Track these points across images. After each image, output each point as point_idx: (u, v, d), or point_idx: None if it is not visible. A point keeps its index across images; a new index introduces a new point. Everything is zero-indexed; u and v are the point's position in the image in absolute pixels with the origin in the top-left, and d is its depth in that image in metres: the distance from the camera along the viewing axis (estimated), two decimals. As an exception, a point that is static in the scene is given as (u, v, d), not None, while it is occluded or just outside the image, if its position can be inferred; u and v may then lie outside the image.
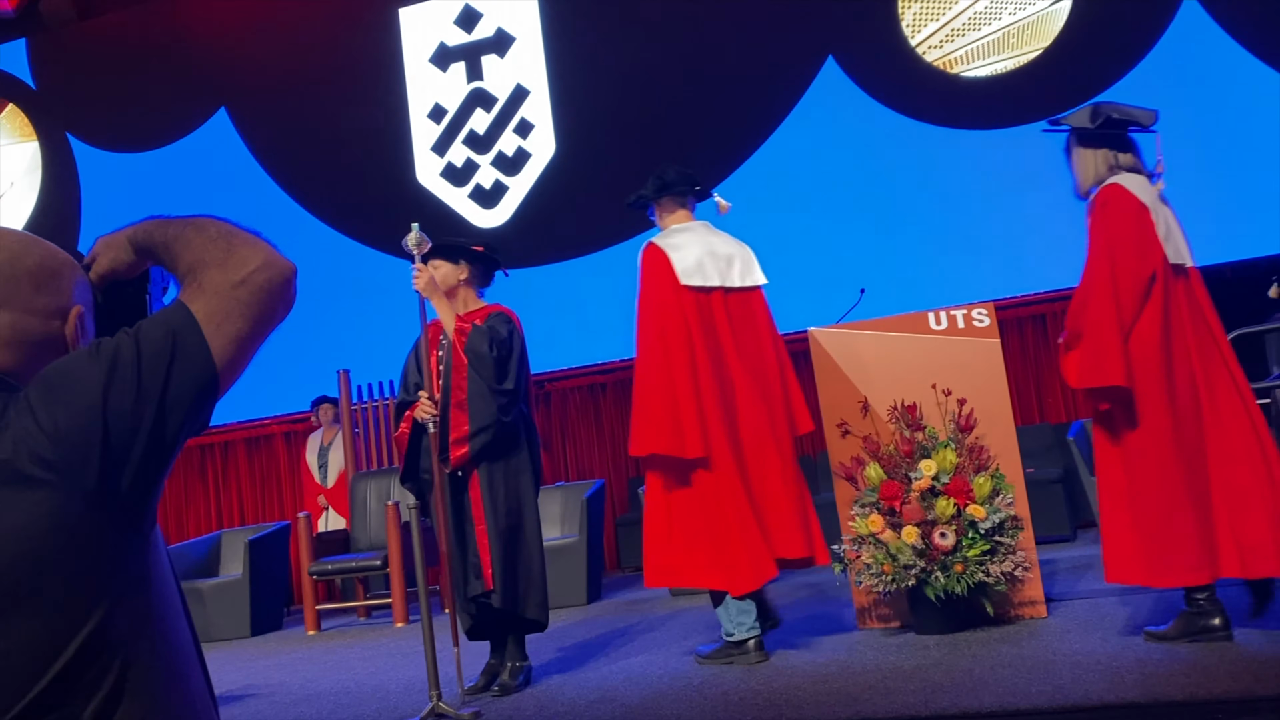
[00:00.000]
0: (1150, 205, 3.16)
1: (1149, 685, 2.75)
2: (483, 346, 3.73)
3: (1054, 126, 3.40)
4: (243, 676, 4.90)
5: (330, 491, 7.73)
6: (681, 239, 3.90)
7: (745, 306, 3.90)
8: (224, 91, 9.21)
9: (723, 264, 3.89)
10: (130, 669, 1.01)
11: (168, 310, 1.12)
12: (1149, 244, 3.09)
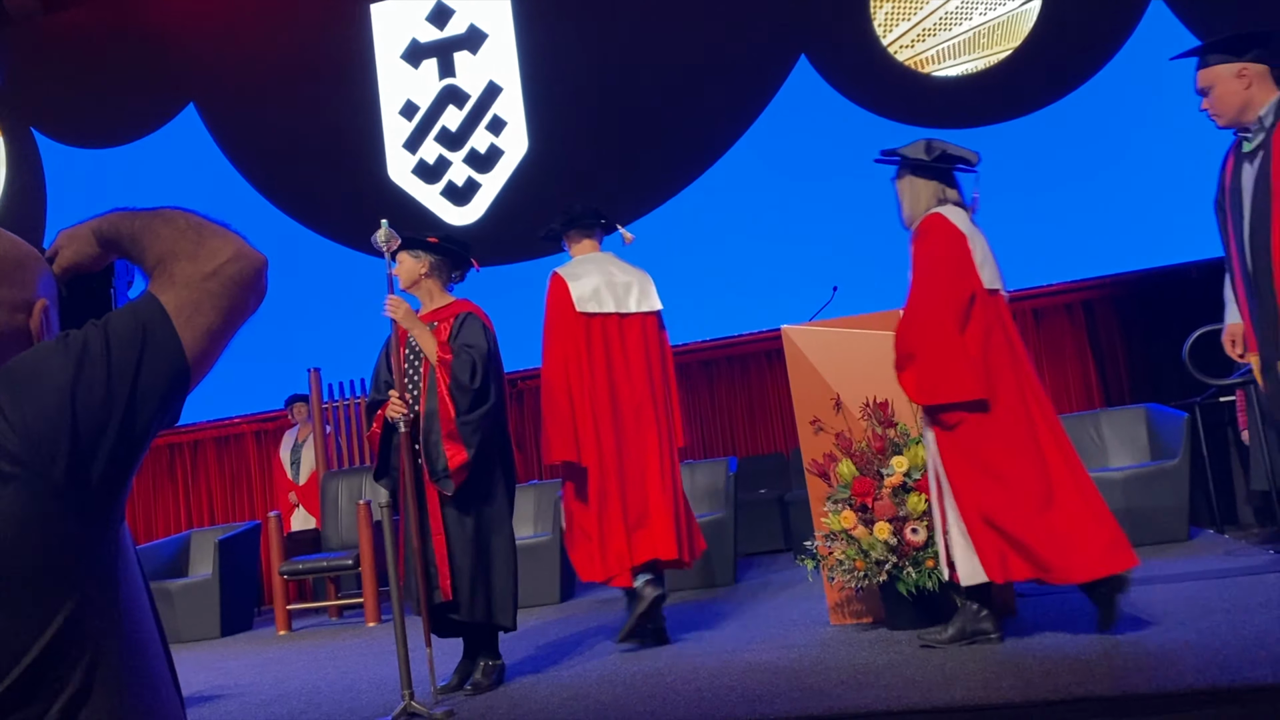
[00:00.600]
0: (969, 234, 3.44)
1: (1116, 679, 2.78)
2: (464, 376, 3.72)
3: (886, 156, 3.67)
4: (213, 677, 4.85)
5: (301, 489, 7.68)
6: (583, 269, 4.33)
7: (639, 329, 4.31)
8: (192, 87, 9.12)
9: (620, 291, 4.31)
10: (98, 666, 1.00)
11: (137, 302, 1.10)
12: (967, 268, 3.37)
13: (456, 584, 3.68)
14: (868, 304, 4.74)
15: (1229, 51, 3.11)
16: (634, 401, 4.21)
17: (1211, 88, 3.14)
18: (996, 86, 7.26)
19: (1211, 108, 3.17)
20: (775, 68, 7.75)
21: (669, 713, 3.05)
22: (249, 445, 8.96)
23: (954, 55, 7.41)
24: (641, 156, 8.01)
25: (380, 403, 3.85)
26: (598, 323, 4.24)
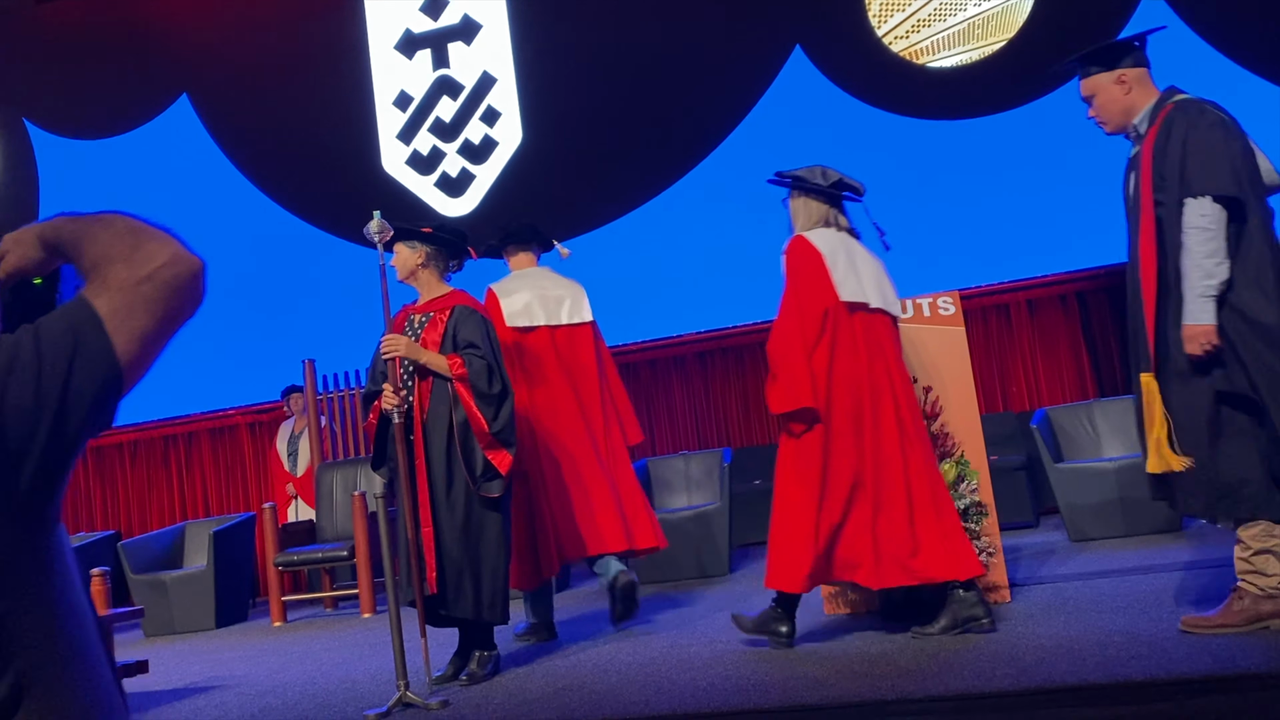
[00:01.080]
0: (829, 253, 3.62)
1: (1110, 667, 2.80)
2: (484, 384, 3.74)
3: (779, 178, 3.84)
4: (208, 668, 4.86)
5: (299, 480, 7.68)
6: (516, 284, 4.55)
7: (572, 340, 4.55)
8: (186, 78, 9.08)
9: (552, 305, 4.54)
10: (32, 669, 0.99)
11: (69, 306, 1.09)
12: (821, 286, 3.56)
13: (445, 577, 3.68)
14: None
15: (1103, 62, 3.21)
16: (566, 410, 4.44)
17: (1094, 96, 3.23)
18: (991, 77, 7.26)
19: (1097, 115, 3.26)
20: (770, 59, 7.74)
21: (663, 702, 3.06)
22: (244, 437, 8.94)
23: (949, 46, 7.41)
24: (636, 147, 8.00)
25: (376, 394, 3.85)
26: (530, 337, 4.49)
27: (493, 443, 3.76)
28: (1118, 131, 3.25)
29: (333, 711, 3.51)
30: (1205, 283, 2.91)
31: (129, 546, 6.76)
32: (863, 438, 3.50)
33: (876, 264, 3.75)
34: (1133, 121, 3.17)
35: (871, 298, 3.63)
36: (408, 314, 3.98)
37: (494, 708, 3.29)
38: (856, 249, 3.73)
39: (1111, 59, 3.20)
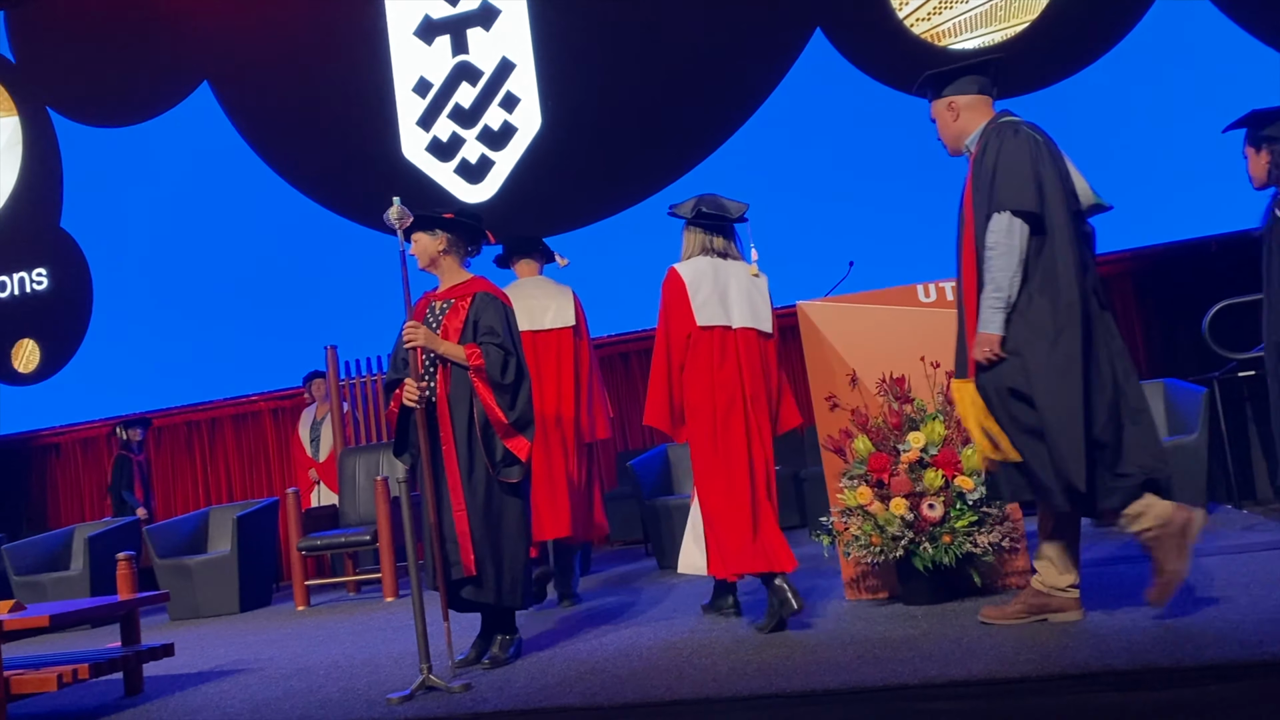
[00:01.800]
0: (691, 282, 4.00)
1: (1134, 652, 2.78)
2: (498, 374, 3.75)
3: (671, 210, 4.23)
4: (233, 652, 4.90)
5: (322, 466, 7.72)
6: (513, 293, 4.97)
7: (552, 343, 5.07)
8: (206, 65, 9.12)
9: (538, 313, 5.07)
10: None
11: None
12: (682, 313, 3.99)
13: (477, 558, 3.70)
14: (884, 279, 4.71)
15: (934, 90, 3.50)
16: (550, 405, 4.98)
17: (935, 121, 3.53)
18: (1013, 60, 7.18)
19: (940, 137, 3.54)
20: (790, 42, 7.70)
21: (685, 687, 3.06)
22: (266, 422, 9.01)
23: (971, 28, 7.34)
24: (655, 132, 7.97)
25: (398, 382, 3.86)
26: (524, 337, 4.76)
27: (510, 431, 3.77)
28: (956, 154, 3.50)
29: (356, 694, 3.53)
30: (995, 294, 3.12)
31: (154, 531, 6.82)
32: (716, 441, 3.91)
33: (753, 282, 4.08)
34: (965, 144, 3.42)
35: (733, 319, 4.00)
36: (429, 301, 3.98)
37: (516, 691, 3.30)
38: (731, 271, 4.03)
39: (939, 87, 3.49)
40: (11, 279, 9.56)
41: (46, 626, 3.81)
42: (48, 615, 3.82)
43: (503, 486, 3.78)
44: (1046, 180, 3.15)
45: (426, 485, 3.72)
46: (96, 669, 3.81)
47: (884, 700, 2.78)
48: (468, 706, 3.17)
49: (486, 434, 3.77)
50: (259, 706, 3.53)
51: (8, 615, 3.74)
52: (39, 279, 9.49)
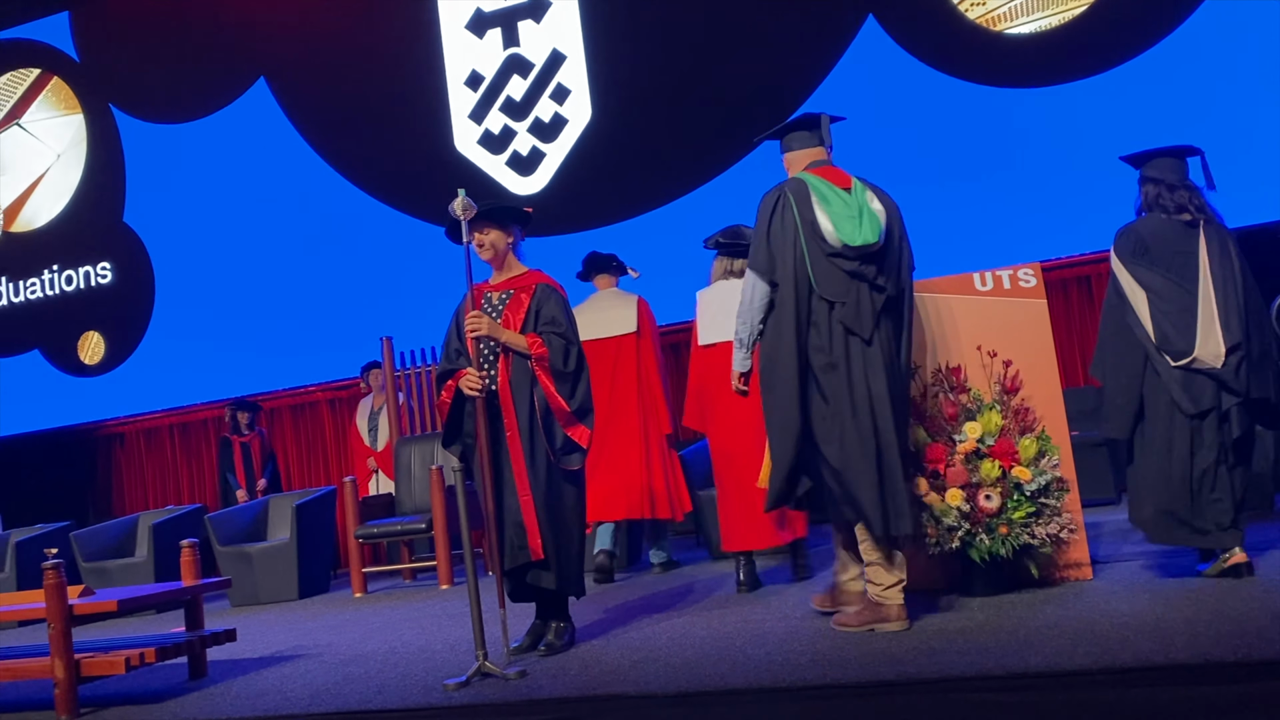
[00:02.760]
0: (702, 306, 4.94)
1: (1198, 646, 2.73)
2: (560, 362, 3.79)
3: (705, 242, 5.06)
4: (292, 638, 5.00)
5: (380, 455, 7.84)
6: (585, 306, 5.72)
7: (614, 350, 5.67)
8: (263, 61, 9.26)
9: (604, 324, 5.68)
10: None
11: None
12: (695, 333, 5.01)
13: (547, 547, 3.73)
14: (939, 268, 4.66)
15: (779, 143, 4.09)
16: (611, 404, 5.56)
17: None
18: (1071, 43, 7.05)
19: None
20: (842, 28, 7.62)
21: (739, 676, 3.06)
22: (324, 412, 9.15)
23: (1026, 12, 7.21)
24: (705, 121, 7.94)
25: (451, 372, 3.89)
26: (593, 345, 5.46)
27: (571, 419, 3.81)
28: None
29: (413, 681, 3.58)
30: (738, 336, 3.72)
31: (215, 519, 6.97)
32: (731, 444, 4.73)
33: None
34: None
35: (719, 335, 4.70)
36: (482, 292, 4.01)
37: (570, 678, 3.33)
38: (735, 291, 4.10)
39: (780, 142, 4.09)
40: (77, 273, 9.80)
41: (115, 611, 3.92)
42: (116, 600, 3.92)
43: (563, 474, 3.81)
44: (775, 237, 3.60)
45: (485, 473, 3.75)
46: (163, 653, 3.91)
47: (940, 692, 2.76)
48: (523, 693, 3.20)
49: (547, 421, 3.80)
50: (319, 691, 3.59)
51: (78, 600, 3.85)
52: (103, 273, 9.72)
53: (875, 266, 3.50)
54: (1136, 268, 3.78)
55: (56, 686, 3.70)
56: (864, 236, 3.49)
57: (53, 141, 10.01)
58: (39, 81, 10.10)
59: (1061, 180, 6.93)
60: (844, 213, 3.55)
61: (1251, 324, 3.67)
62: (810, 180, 3.68)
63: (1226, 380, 3.62)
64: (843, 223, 3.52)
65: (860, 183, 3.72)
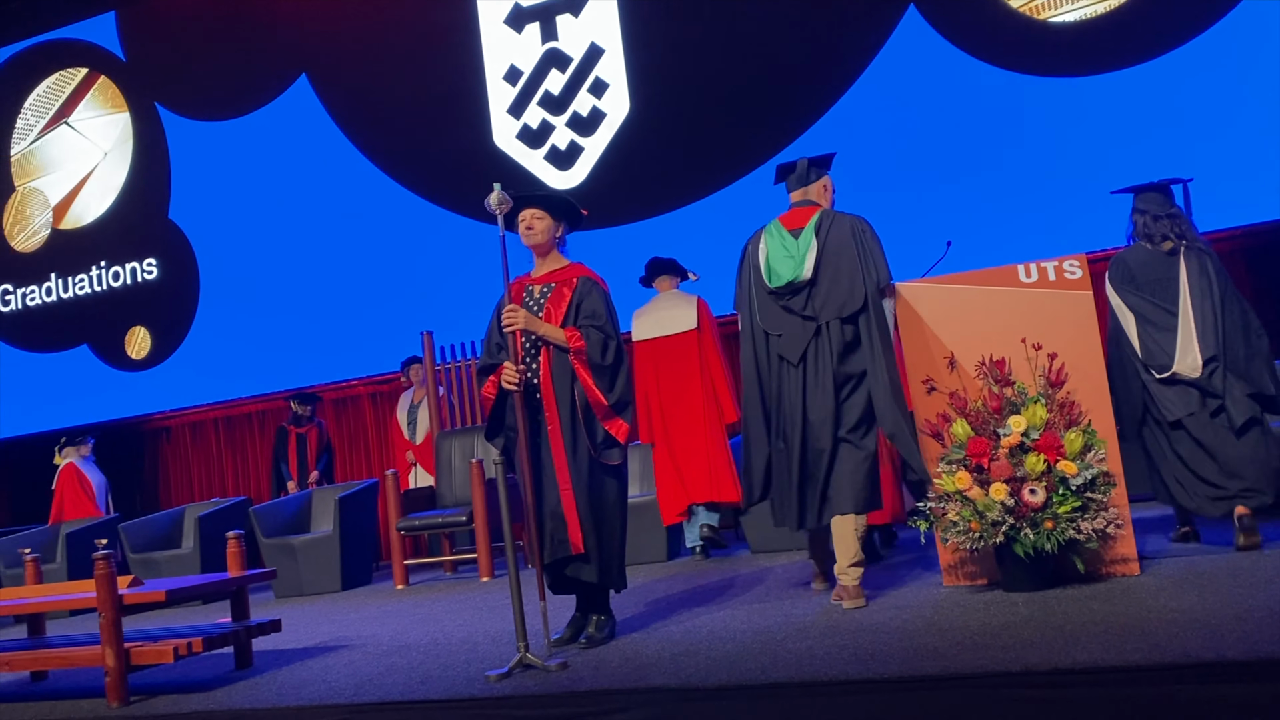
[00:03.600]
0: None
1: (1251, 643, 2.68)
2: (598, 355, 3.79)
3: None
4: (335, 629, 5.05)
5: (419, 448, 7.89)
6: (648, 307, 6.26)
7: (676, 348, 6.11)
8: (304, 58, 9.34)
9: (665, 322, 6.14)
10: None
11: None
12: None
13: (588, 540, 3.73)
14: (983, 259, 4.61)
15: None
16: (672, 395, 6.06)
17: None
18: (1116, 31, 6.93)
19: None
20: (883, 18, 7.55)
21: (780, 670, 3.05)
22: (365, 406, 9.24)
23: (1069, 0, 7.10)
24: (744, 114, 7.91)
25: (492, 367, 3.90)
26: (648, 345, 6.16)
27: (609, 413, 3.81)
28: None
29: (455, 672, 3.61)
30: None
31: (260, 512, 7.06)
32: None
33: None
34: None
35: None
36: (524, 285, 4.01)
37: (611, 670, 3.33)
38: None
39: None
40: (124, 269, 9.96)
41: (163, 601, 3.98)
42: (164, 591, 3.98)
43: (604, 468, 3.82)
44: (740, 277, 4.27)
45: (525, 467, 3.77)
46: (210, 642, 3.97)
47: (985, 688, 2.73)
48: (564, 685, 3.21)
49: (588, 415, 3.80)
50: (363, 682, 3.63)
51: (127, 590, 3.92)
52: (149, 269, 9.87)
53: (804, 298, 4.02)
54: (1125, 293, 4.36)
55: (107, 675, 3.77)
56: (791, 274, 4.02)
57: (100, 140, 10.17)
58: (86, 81, 10.27)
59: (1107, 170, 6.82)
60: (780, 254, 4.07)
61: (1230, 335, 4.19)
62: (770, 226, 4.19)
63: (1203, 386, 4.18)
64: (777, 263, 4.06)
65: (819, 217, 4.09)
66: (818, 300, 4.00)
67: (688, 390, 6.05)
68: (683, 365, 6.07)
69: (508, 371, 3.75)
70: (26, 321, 10.38)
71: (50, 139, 10.38)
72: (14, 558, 7.50)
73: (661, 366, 6.10)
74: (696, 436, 5.99)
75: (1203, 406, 4.17)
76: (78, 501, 8.38)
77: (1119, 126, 6.86)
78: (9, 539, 7.93)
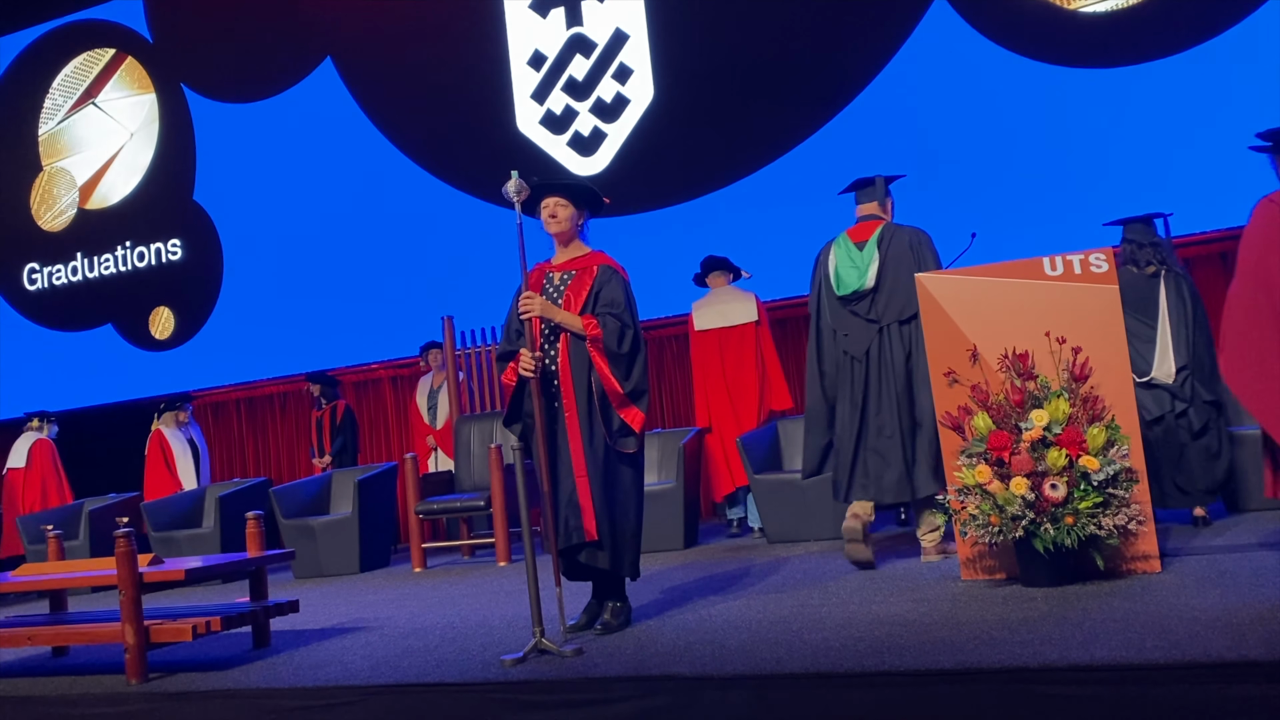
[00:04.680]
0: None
1: (1274, 643, 2.65)
2: (614, 343, 3.77)
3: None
4: (353, 610, 5.08)
5: (439, 433, 7.92)
6: (705, 300, 6.60)
7: (738, 337, 6.47)
8: (329, 42, 9.35)
9: (722, 315, 6.49)
10: None
11: None
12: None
13: (597, 524, 3.73)
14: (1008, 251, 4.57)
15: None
16: (730, 381, 6.45)
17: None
18: (1150, 21, 6.84)
19: None
20: (911, 7, 7.48)
21: (795, 660, 3.04)
22: (386, 390, 9.27)
23: (1103, -10, 7.01)
24: (769, 102, 7.86)
25: (512, 353, 3.90)
26: (708, 335, 6.51)
27: (624, 402, 3.79)
28: None
29: (471, 655, 3.62)
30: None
31: (280, 493, 7.10)
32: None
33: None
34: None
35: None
36: (544, 272, 4.01)
37: (626, 657, 3.34)
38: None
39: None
40: (149, 249, 10.03)
41: (182, 580, 4.01)
42: (184, 569, 4.02)
43: (620, 456, 3.81)
44: (813, 284, 4.86)
45: (541, 453, 3.77)
46: (228, 621, 4.00)
47: (1001, 683, 2.71)
48: (579, 671, 3.22)
49: (604, 403, 3.79)
50: (379, 663, 3.65)
51: (147, 568, 3.95)
52: (174, 249, 9.94)
53: (868, 303, 4.61)
54: None
55: (127, 651, 3.80)
56: (856, 283, 4.62)
57: (126, 120, 10.23)
58: (114, 62, 10.32)
59: (1136, 164, 6.74)
60: (847, 265, 4.66)
61: (1198, 350, 4.84)
62: (839, 238, 4.78)
63: (1175, 392, 4.83)
64: (844, 273, 4.66)
65: (882, 231, 4.66)
66: (880, 305, 4.59)
67: (744, 379, 6.45)
68: (741, 355, 6.46)
69: (525, 358, 3.75)
70: (52, 300, 10.46)
71: (77, 119, 10.44)
72: (39, 534, 7.58)
73: (725, 355, 6.49)
74: (749, 423, 6.37)
75: (1172, 409, 4.84)
76: (156, 472, 8.40)
77: (1149, 119, 6.77)
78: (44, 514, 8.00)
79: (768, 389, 6.48)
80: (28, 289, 10.58)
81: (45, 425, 8.73)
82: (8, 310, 10.67)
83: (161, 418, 8.53)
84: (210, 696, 3.55)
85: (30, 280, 10.57)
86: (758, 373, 6.46)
